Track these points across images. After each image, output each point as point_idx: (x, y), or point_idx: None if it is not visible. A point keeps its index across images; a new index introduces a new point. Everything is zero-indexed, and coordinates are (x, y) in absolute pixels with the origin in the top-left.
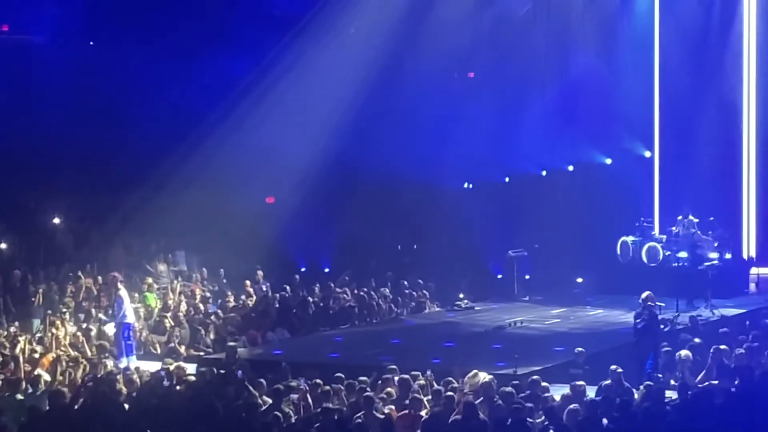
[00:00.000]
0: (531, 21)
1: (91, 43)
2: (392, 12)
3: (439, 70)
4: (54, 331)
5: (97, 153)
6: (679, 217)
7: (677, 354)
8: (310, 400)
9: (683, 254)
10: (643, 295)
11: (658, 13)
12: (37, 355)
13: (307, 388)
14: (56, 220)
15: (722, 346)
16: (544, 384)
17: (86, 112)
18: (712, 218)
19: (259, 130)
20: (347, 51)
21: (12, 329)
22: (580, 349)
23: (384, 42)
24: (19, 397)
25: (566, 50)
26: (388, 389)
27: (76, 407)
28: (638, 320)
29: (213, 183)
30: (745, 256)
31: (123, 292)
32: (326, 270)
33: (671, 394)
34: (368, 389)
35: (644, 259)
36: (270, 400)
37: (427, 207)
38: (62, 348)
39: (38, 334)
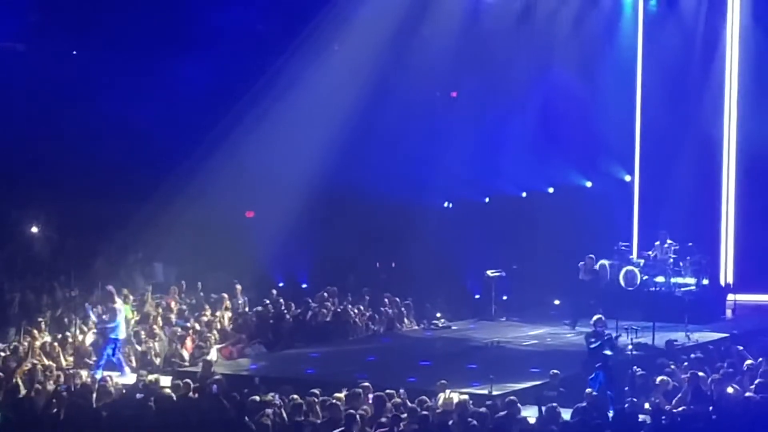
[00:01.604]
0: (515, 43)
1: (74, 52)
2: (377, 31)
3: (421, 89)
4: (29, 340)
5: (76, 163)
6: (657, 242)
7: (655, 378)
8: (285, 415)
9: (660, 279)
10: (593, 319)
11: (641, 42)
12: (12, 364)
13: (282, 403)
14: (34, 230)
15: (699, 372)
16: (518, 405)
17: (67, 121)
18: (690, 244)
19: (240, 144)
20: (330, 68)
21: None
22: (555, 371)
23: (367, 60)
24: None
25: (549, 74)
26: (364, 406)
27: (48, 417)
28: (589, 342)
29: (193, 196)
30: (722, 283)
31: (119, 305)
32: (304, 285)
33: (644, 418)
34: (343, 406)
35: (622, 282)
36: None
37: (407, 225)
38: (37, 357)
39: (14, 343)
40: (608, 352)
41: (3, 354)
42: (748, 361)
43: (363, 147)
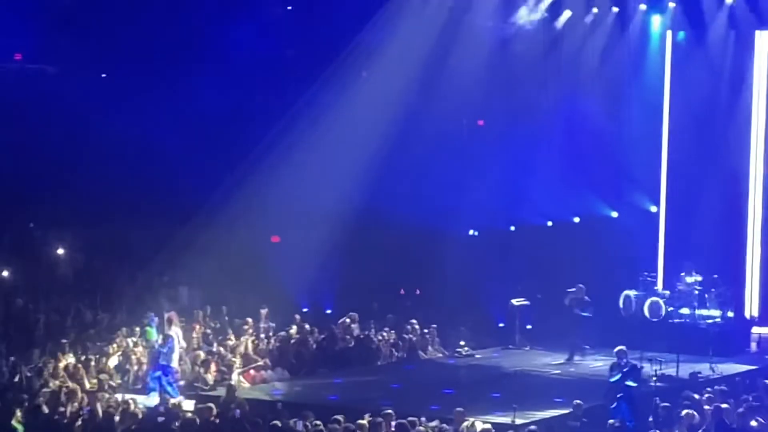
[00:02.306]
0: (542, 73)
1: (103, 75)
2: (405, 59)
3: (449, 117)
4: (53, 361)
5: (103, 185)
6: (682, 274)
7: (679, 411)
8: None
9: (685, 310)
10: (616, 350)
11: (668, 73)
12: (36, 385)
13: (305, 429)
14: (59, 251)
15: (723, 405)
16: None
17: (94, 143)
18: (715, 276)
19: (266, 169)
20: (358, 95)
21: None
22: (578, 401)
23: (395, 88)
24: (19, 428)
25: (576, 104)
26: None
27: None
28: (612, 373)
29: (219, 220)
30: (747, 315)
31: (175, 331)
32: (328, 311)
33: None
34: None
35: (646, 313)
36: None
37: (432, 252)
38: (61, 379)
39: (38, 364)
40: (631, 384)
41: (28, 374)
42: None
43: (389, 174)
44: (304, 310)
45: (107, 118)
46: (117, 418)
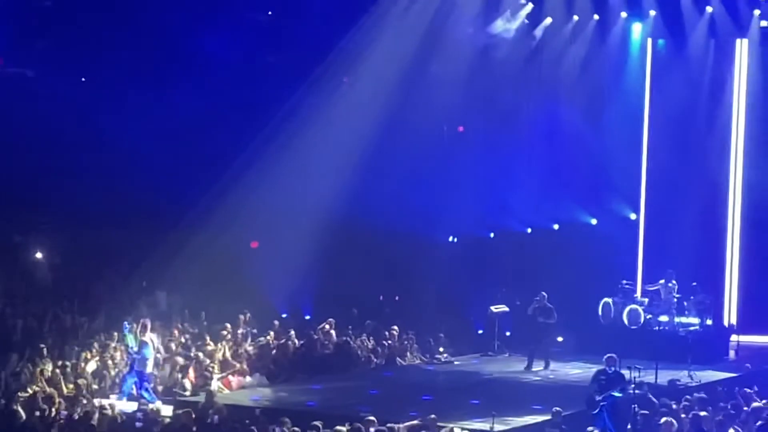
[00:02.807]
0: (523, 81)
1: (83, 78)
2: (387, 65)
3: (429, 124)
4: (31, 366)
5: (81, 190)
6: (661, 281)
7: (657, 419)
8: None
9: (664, 318)
10: (605, 357)
11: (648, 82)
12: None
13: None
14: (38, 256)
15: (701, 413)
16: None
17: (72, 147)
18: (694, 283)
19: (246, 175)
20: (338, 101)
21: None
22: (557, 408)
23: (376, 94)
24: None
25: (557, 111)
26: None
27: None
28: (599, 380)
29: (198, 225)
30: (726, 323)
31: (149, 336)
32: (307, 317)
33: None
34: None
35: (625, 321)
36: None
37: (411, 259)
38: (39, 384)
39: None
40: (617, 393)
41: (5, 379)
42: (754, 404)
43: (369, 180)
44: (283, 315)
45: (87, 122)
46: (95, 422)
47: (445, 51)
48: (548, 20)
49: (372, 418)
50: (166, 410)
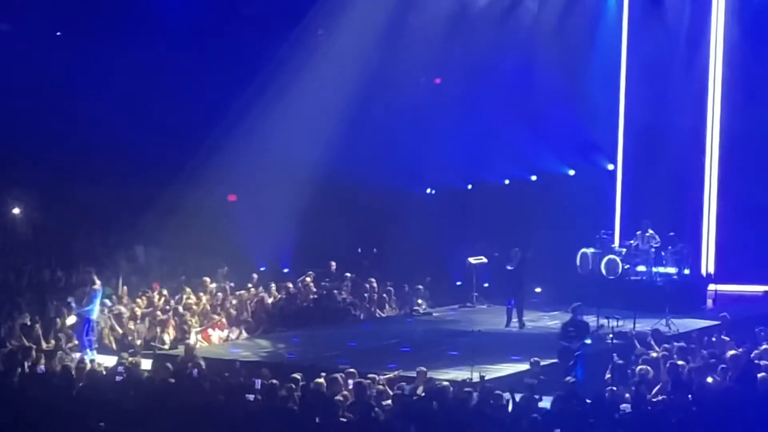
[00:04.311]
0: (501, 32)
1: (58, 33)
2: (362, 16)
3: (406, 76)
4: (10, 321)
5: (58, 144)
6: (638, 232)
7: (635, 367)
8: (265, 400)
9: (642, 268)
10: (572, 306)
11: (625, 32)
12: None
13: (262, 388)
14: (15, 210)
15: (679, 361)
16: (499, 392)
17: (48, 102)
18: (672, 233)
19: (222, 128)
20: (314, 54)
21: None
22: (536, 358)
23: (352, 46)
24: None
25: (534, 63)
26: (344, 392)
27: (27, 399)
28: (564, 329)
29: (175, 178)
30: (703, 272)
31: (98, 286)
32: (285, 270)
33: (625, 407)
34: (323, 391)
35: (603, 271)
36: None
37: (389, 211)
38: (17, 338)
39: None
40: (588, 341)
41: None
42: (731, 352)
43: (346, 133)
44: (262, 269)
45: (64, 77)
46: (74, 377)
47: (422, 3)
48: None
49: (351, 370)
50: (146, 364)
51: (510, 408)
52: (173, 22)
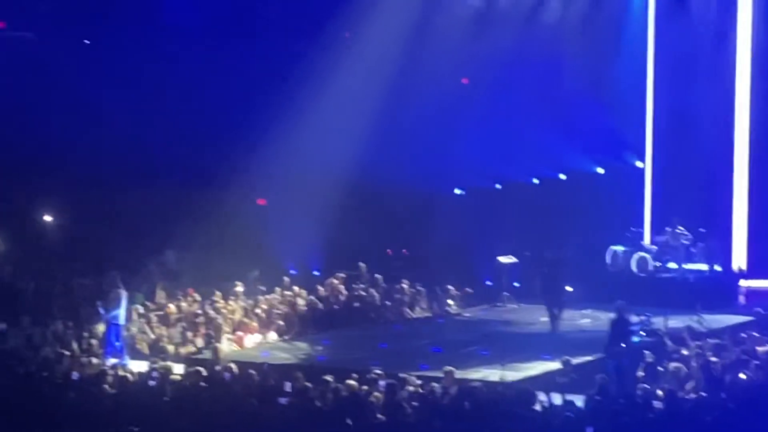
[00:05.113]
0: (528, 31)
1: (86, 41)
2: (390, 17)
3: (434, 76)
4: (43, 328)
5: (89, 151)
6: (668, 228)
7: (667, 365)
8: (296, 402)
9: (673, 265)
10: (617, 304)
11: (652, 27)
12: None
13: (294, 391)
14: (47, 218)
15: (711, 358)
16: (531, 391)
17: (77, 109)
18: (702, 229)
19: (253, 131)
20: (342, 55)
21: None
22: (567, 357)
23: (376, 47)
24: None
25: (561, 60)
26: (375, 393)
27: (61, 405)
28: (611, 328)
29: (205, 183)
30: (734, 269)
31: (123, 291)
32: (316, 273)
33: (657, 405)
34: (355, 393)
35: (633, 269)
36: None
37: (418, 212)
38: (50, 345)
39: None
40: (636, 339)
41: (17, 341)
42: (764, 348)
43: (375, 134)
44: (292, 272)
45: (93, 83)
46: (107, 383)
47: (448, 3)
48: None
49: (380, 371)
50: (178, 369)
51: (542, 407)
52: (203, 28)
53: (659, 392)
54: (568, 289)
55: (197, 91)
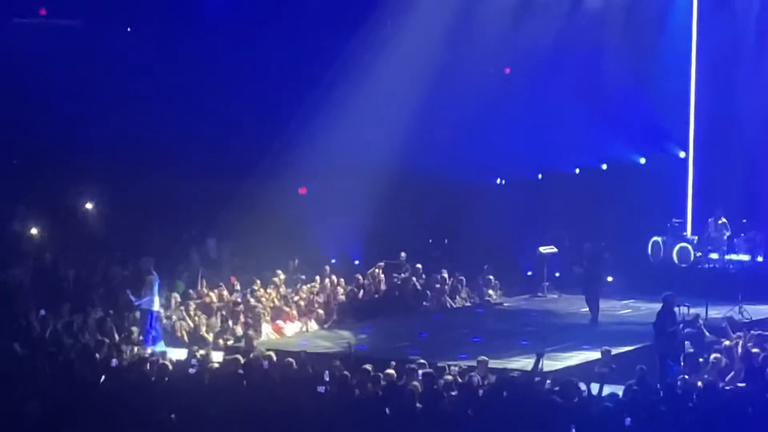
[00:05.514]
0: (569, 21)
1: (128, 29)
2: (431, 8)
3: (475, 66)
4: (83, 315)
5: (130, 140)
6: (710, 219)
7: (709, 356)
8: (335, 391)
9: (714, 255)
10: (665, 295)
11: (696, 17)
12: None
13: (332, 379)
14: (88, 206)
15: (753, 349)
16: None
17: (120, 98)
18: (744, 220)
19: (293, 120)
20: (384, 46)
21: None
22: (606, 348)
23: (418, 38)
24: None
25: (603, 50)
26: (414, 383)
27: (101, 393)
28: (659, 319)
29: (246, 172)
30: None
31: (153, 279)
32: (356, 262)
33: (697, 396)
34: (394, 382)
35: (675, 259)
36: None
37: (459, 202)
38: (90, 333)
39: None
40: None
41: (58, 329)
42: None
43: (415, 124)
44: (332, 261)
45: (134, 71)
46: (146, 370)
47: None
48: None
49: (422, 360)
50: (217, 357)
51: (580, 397)
52: (246, 18)
53: (699, 383)
54: (609, 279)
55: (240, 80)
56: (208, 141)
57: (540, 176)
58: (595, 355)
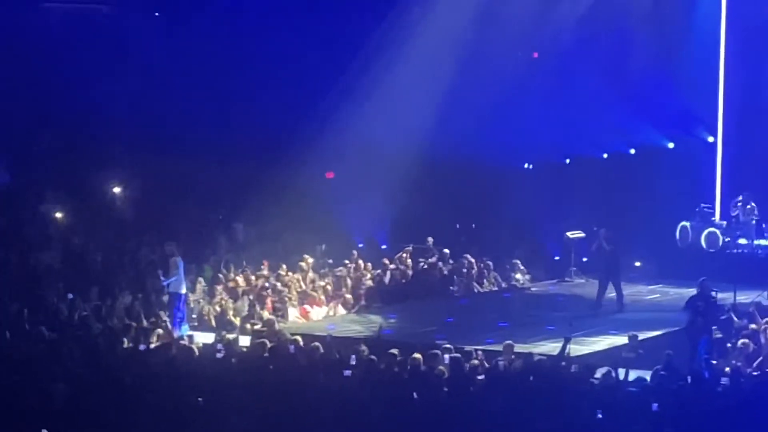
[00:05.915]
0: (596, 4)
1: (157, 14)
2: None
3: (503, 50)
4: (111, 299)
5: (158, 125)
6: (739, 203)
7: (736, 341)
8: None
9: (743, 241)
10: (701, 280)
11: (725, 2)
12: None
13: (359, 364)
14: (116, 189)
15: None
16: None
17: (148, 82)
18: None
19: (320, 105)
20: (413, 32)
21: None
22: (634, 333)
23: (445, 22)
24: None
25: (632, 34)
26: (440, 367)
27: (128, 376)
28: (692, 304)
29: (273, 156)
30: None
31: (177, 260)
32: (383, 246)
33: (725, 381)
34: (420, 366)
35: (703, 244)
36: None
37: (487, 186)
38: (118, 316)
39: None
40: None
41: (86, 312)
42: None
43: (443, 108)
44: (360, 245)
45: (163, 56)
46: (174, 353)
47: None
48: None
49: (448, 345)
50: (244, 341)
51: (607, 382)
52: (275, 2)
53: (726, 368)
54: (637, 264)
55: (268, 65)
56: (235, 126)
57: (567, 161)
58: (623, 340)
